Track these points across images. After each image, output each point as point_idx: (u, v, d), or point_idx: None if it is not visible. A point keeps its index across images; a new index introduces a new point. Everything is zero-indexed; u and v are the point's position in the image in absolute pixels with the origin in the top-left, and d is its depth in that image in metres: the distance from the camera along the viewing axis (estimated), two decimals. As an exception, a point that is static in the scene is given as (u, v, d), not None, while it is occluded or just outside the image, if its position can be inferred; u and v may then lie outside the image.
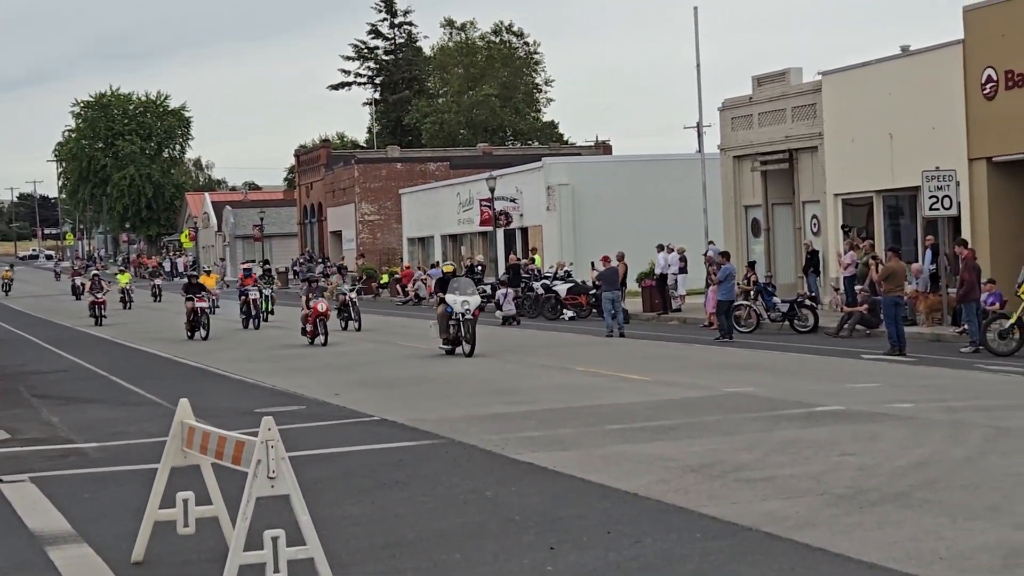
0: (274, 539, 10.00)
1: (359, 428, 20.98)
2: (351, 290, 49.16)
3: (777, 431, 18.56)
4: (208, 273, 67.62)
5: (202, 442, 11.31)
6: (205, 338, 44.23)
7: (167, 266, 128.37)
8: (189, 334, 45.20)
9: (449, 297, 35.19)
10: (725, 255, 40.87)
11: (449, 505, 14.19)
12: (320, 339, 40.05)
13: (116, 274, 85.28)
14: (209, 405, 23.79)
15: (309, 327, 40.57)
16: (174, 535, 11.98)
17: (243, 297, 50.99)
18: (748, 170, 51.63)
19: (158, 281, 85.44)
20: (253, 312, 50.40)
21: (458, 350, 34.78)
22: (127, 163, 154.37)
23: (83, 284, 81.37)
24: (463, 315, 34.67)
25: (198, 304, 45.19)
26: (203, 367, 34.06)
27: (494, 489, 14.99)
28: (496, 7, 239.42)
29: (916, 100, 42.54)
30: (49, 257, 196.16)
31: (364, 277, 74.99)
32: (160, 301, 77.42)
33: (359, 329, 46.29)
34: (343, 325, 46.82)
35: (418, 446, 18.58)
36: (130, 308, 69.19)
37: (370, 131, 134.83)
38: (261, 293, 52.50)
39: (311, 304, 40.44)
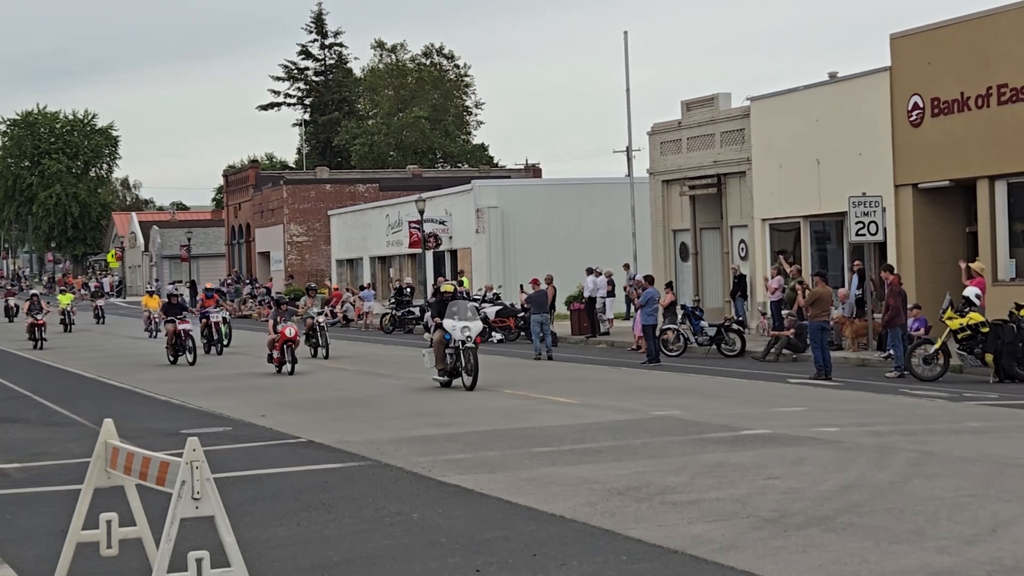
0: (198, 561, 9.92)
1: (285, 450, 20.87)
2: (319, 313, 44.64)
3: (703, 454, 18.60)
4: (152, 294, 64.33)
5: (126, 463, 11.21)
6: (192, 363, 40.77)
7: (92, 286, 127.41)
8: (172, 359, 41.68)
9: (447, 323, 31.16)
10: (649, 279, 40.97)
11: (375, 527, 14.14)
12: (287, 367, 36.54)
13: (56, 294, 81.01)
14: (135, 426, 23.63)
15: (276, 354, 37.05)
16: (97, 557, 11.85)
17: (204, 320, 46.62)
18: (677, 194, 51.89)
19: (100, 302, 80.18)
20: (215, 336, 46.05)
21: (455, 382, 31.21)
22: (53, 182, 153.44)
23: (16, 306, 79.67)
24: (463, 343, 30.84)
25: (181, 326, 41.42)
26: (129, 388, 33.81)
27: (420, 511, 14.95)
28: (427, 29, 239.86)
29: (843, 126, 42.90)
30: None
31: (332, 299, 72.45)
32: (103, 323, 74.34)
33: (327, 356, 42.21)
34: (312, 352, 42.74)
35: (344, 468, 18.50)
36: (71, 331, 65.26)
37: (299, 152, 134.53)
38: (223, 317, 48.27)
39: (279, 328, 36.93)
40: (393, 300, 63.72)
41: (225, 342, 47.57)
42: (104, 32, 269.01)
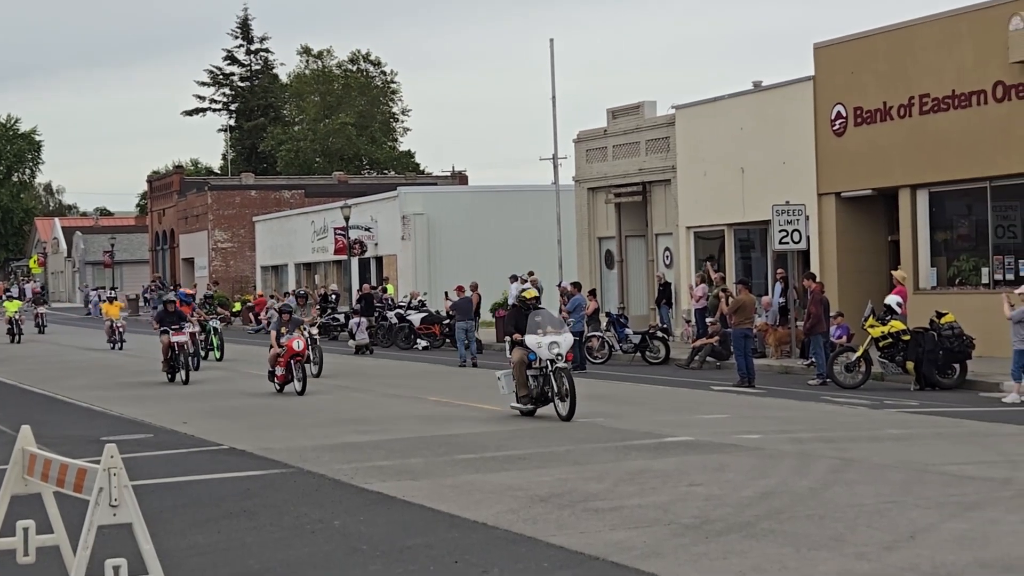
0: (116, 568, 9.85)
1: (207, 457, 20.75)
2: (312, 324, 37.25)
3: (626, 461, 18.64)
4: (112, 301, 60.05)
5: (43, 470, 11.12)
6: (186, 381, 35.19)
7: (15, 292, 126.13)
8: (169, 376, 35.91)
9: (530, 339, 25.17)
10: (576, 285, 41.01)
11: (296, 535, 14.08)
12: (296, 385, 31.46)
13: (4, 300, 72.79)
14: (55, 433, 23.41)
15: (280, 370, 31.92)
16: (14, 564, 11.76)
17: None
18: (602, 202, 52.02)
19: (42, 310, 74.08)
20: (192, 349, 39.45)
21: (544, 410, 25.23)
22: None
23: None
24: (552, 362, 24.83)
25: (175, 339, 35.72)
26: (51, 395, 33.49)
27: (342, 518, 14.90)
28: (353, 36, 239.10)
29: (767, 135, 43.14)
30: None
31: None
32: (44, 332, 69.52)
33: (318, 375, 36.06)
34: None
35: (267, 475, 18.41)
36: (19, 341, 60.28)
37: (224, 158, 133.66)
38: (204, 327, 43.78)
39: (283, 341, 31.69)
40: (318, 307, 63.46)
41: (218, 355, 45.02)
42: (28, 37, 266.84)
